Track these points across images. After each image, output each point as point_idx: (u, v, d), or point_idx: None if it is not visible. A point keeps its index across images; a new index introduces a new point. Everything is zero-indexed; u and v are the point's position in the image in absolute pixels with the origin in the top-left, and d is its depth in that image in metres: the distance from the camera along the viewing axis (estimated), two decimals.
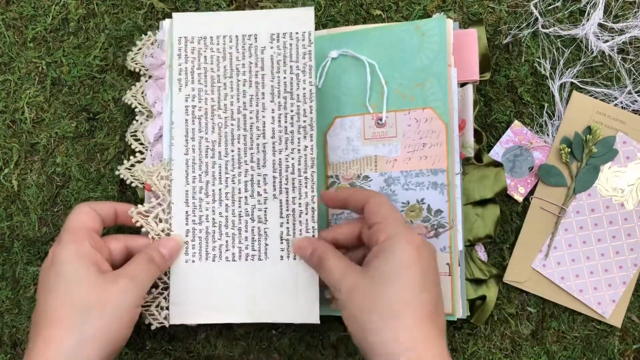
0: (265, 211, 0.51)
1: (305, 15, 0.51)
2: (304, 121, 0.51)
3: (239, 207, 0.51)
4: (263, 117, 0.51)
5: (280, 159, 0.51)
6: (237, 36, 0.51)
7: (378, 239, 0.43)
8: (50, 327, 0.42)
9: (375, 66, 0.52)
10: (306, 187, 0.50)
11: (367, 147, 0.52)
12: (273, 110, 0.51)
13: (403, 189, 0.51)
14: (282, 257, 0.50)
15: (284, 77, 0.51)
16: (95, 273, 0.44)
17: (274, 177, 0.51)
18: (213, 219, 0.51)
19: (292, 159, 0.51)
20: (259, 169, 0.51)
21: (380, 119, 0.52)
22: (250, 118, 0.51)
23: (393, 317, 0.40)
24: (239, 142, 0.51)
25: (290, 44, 0.51)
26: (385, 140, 0.52)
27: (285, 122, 0.51)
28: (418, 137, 0.51)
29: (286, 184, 0.51)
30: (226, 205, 0.51)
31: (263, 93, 0.51)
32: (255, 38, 0.52)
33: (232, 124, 0.51)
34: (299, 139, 0.51)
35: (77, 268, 0.44)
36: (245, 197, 0.51)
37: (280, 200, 0.51)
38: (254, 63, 0.51)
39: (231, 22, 0.52)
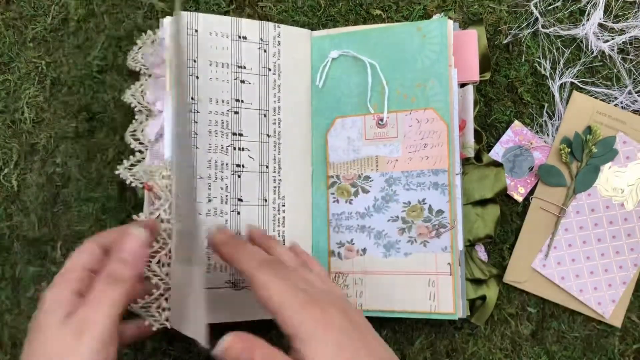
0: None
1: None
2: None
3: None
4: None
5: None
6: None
7: (289, 335, 0.39)
8: None
9: (376, 67, 0.52)
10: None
11: (368, 147, 0.52)
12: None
13: (404, 189, 0.51)
14: None
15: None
16: (62, 324, 0.38)
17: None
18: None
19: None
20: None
21: (382, 119, 0.52)
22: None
23: None
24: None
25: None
26: (386, 141, 0.52)
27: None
28: (419, 138, 0.51)
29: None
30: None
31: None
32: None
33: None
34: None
35: (48, 322, 0.38)
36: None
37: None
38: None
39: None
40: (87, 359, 0.36)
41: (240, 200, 0.52)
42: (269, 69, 0.53)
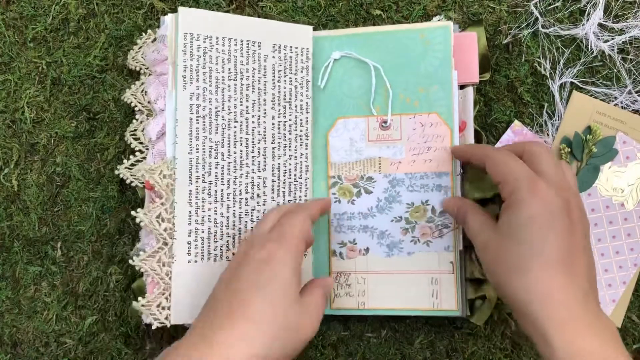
0: (264, 213, 0.52)
1: (304, 33, 0.54)
2: (301, 130, 0.53)
3: (240, 208, 0.51)
4: (264, 122, 0.52)
5: (279, 163, 0.52)
6: (241, 40, 0.52)
7: (504, 196, 0.44)
8: (249, 327, 0.40)
9: (380, 70, 0.53)
10: (301, 191, 0.53)
11: (371, 148, 0.53)
12: (273, 117, 0.52)
13: (407, 191, 0.52)
14: None
15: (284, 87, 0.53)
16: (296, 295, 0.43)
17: (273, 181, 0.52)
18: (215, 219, 0.51)
19: (290, 164, 0.53)
20: (260, 172, 0.52)
21: (385, 122, 0.52)
22: (252, 122, 0.52)
23: (521, 271, 0.40)
24: (241, 145, 0.52)
25: (290, 57, 0.53)
26: (389, 143, 0.52)
27: (284, 129, 0.53)
28: (423, 141, 0.52)
29: (283, 188, 0.53)
30: (227, 205, 0.51)
31: (265, 100, 0.52)
32: (259, 45, 0.52)
33: (234, 126, 0.51)
34: (295, 146, 0.53)
35: (291, 280, 0.42)
36: (246, 198, 0.51)
37: (278, 202, 0.53)
38: (257, 69, 0.52)
39: (236, 26, 0.52)
40: (307, 336, 0.43)
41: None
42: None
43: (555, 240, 0.40)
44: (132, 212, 0.50)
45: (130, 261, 0.51)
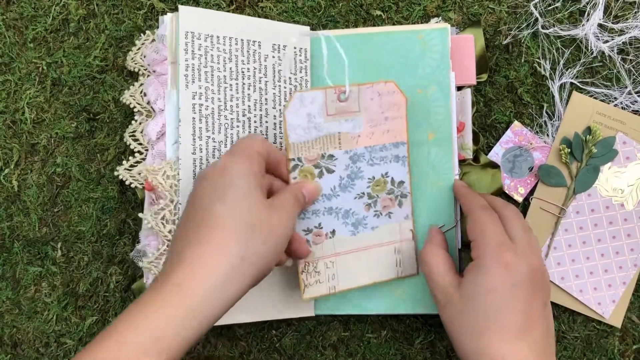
0: None
1: (303, 34, 0.54)
2: None
3: None
4: (266, 122, 0.52)
5: None
6: (242, 40, 0.52)
7: (472, 254, 0.46)
8: (216, 233, 0.40)
9: (331, 39, 0.54)
10: None
11: (330, 123, 0.49)
12: (275, 116, 0.52)
13: (368, 165, 0.51)
14: None
15: (284, 87, 0.52)
16: (262, 195, 0.42)
17: None
18: None
19: None
20: None
21: (344, 92, 0.49)
22: (255, 122, 0.52)
23: (475, 335, 0.43)
24: None
25: (289, 57, 0.52)
26: (348, 116, 0.49)
27: None
28: (380, 111, 0.50)
29: None
30: None
31: (266, 99, 0.52)
32: (259, 45, 0.52)
33: (237, 126, 0.51)
34: None
35: (249, 184, 0.42)
36: None
37: None
38: (258, 69, 0.52)
39: (236, 25, 0.52)
40: (288, 237, 0.44)
41: None
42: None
43: (513, 312, 0.42)
44: (140, 215, 0.51)
45: (139, 263, 0.51)
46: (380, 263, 0.52)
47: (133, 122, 0.54)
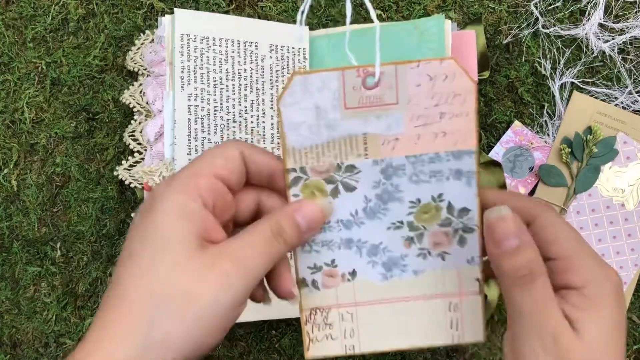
0: None
1: (301, 34, 0.52)
2: None
3: None
4: (263, 122, 0.52)
5: None
6: (238, 41, 0.52)
7: (570, 281, 0.31)
8: (119, 309, 0.29)
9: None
10: None
11: (350, 121, 0.34)
12: (272, 117, 0.52)
13: (411, 182, 0.35)
14: None
15: (282, 87, 0.52)
16: (193, 246, 0.30)
17: None
18: None
19: None
20: None
21: (372, 75, 0.33)
22: (251, 122, 0.52)
23: None
24: None
25: (287, 57, 0.52)
26: (380, 110, 0.34)
27: None
28: (432, 104, 0.34)
29: None
30: None
31: (263, 99, 0.52)
32: (256, 46, 0.52)
33: (233, 127, 0.51)
34: None
35: (173, 233, 0.30)
36: None
37: None
38: (255, 70, 0.52)
39: (232, 26, 0.52)
40: (226, 308, 0.30)
41: None
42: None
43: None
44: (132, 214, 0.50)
45: None
46: (425, 322, 0.37)
47: (132, 121, 0.54)
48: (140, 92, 0.54)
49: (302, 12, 0.32)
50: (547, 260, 0.31)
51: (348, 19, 0.33)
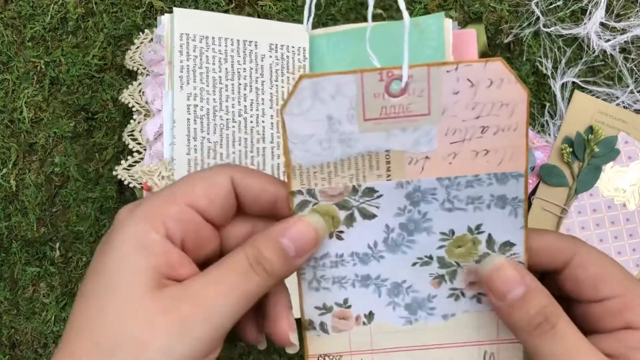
0: None
1: (301, 32, 0.51)
2: None
3: None
4: (263, 122, 0.52)
5: (278, 163, 0.51)
6: (238, 40, 0.52)
7: (630, 321, 0.28)
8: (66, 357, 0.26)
9: None
10: None
11: (370, 134, 0.28)
12: (272, 116, 0.52)
13: (443, 210, 0.29)
14: None
15: (282, 87, 0.52)
16: (149, 285, 0.26)
17: None
18: None
19: None
20: None
21: (399, 79, 0.28)
22: (251, 122, 0.52)
23: None
24: (239, 145, 0.51)
25: (287, 56, 0.52)
26: (407, 122, 0.28)
27: None
28: (473, 116, 0.28)
29: None
30: None
31: (263, 99, 0.52)
32: (256, 45, 0.52)
33: (233, 126, 0.51)
34: None
35: (127, 268, 0.26)
36: None
37: None
38: (254, 69, 0.52)
39: (232, 26, 0.52)
40: (165, 348, 0.25)
41: None
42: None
43: None
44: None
45: None
46: None
47: (132, 121, 0.54)
48: (140, 91, 0.54)
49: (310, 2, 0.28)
50: (598, 300, 0.28)
51: (370, 10, 0.28)
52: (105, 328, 0.25)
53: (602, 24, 0.55)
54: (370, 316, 0.31)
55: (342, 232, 0.30)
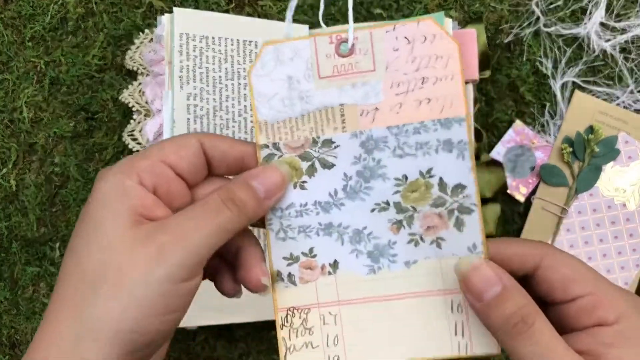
0: None
1: (299, 32, 0.52)
2: None
3: None
4: None
5: None
6: (238, 40, 0.52)
7: (602, 318, 0.28)
8: (54, 306, 0.28)
9: None
10: None
11: (325, 91, 0.32)
12: None
13: (395, 156, 0.32)
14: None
15: None
16: (127, 222, 0.28)
17: None
18: None
19: None
20: None
21: (345, 41, 0.32)
22: (251, 122, 0.51)
23: None
24: None
25: None
26: (356, 78, 0.32)
27: None
28: (413, 69, 0.31)
29: None
30: None
31: None
32: (256, 45, 0.52)
33: (233, 126, 0.51)
34: None
35: (106, 211, 0.28)
36: None
37: None
38: None
39: (232, 25, 0.52)
40: (162, 283, 0.27)
41: None
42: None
43: None
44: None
45: None
46: (422, 327, 0.32)
47: (132, 121, 0.54)
48: (140, 91, 0.53)
49: (291, 9, 0.32)
50: (570, 300, 0.29)
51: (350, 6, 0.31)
52: (90, 261, 0.27)
53: (602, 24, 0.55)
54: (335, 265, 0.32)
55: (305, 182, 0.32)
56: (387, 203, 0.32)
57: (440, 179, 0.31)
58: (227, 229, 0.29)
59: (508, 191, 0.55)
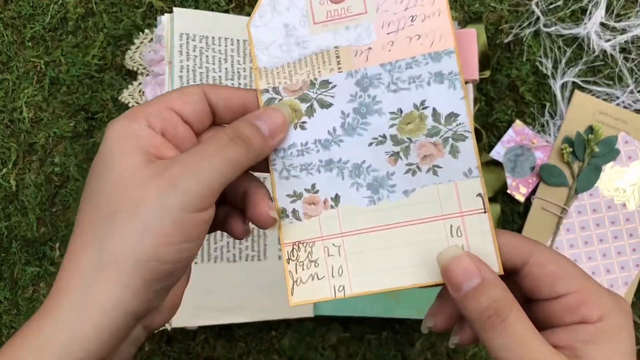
0: None
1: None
2: None
3: None
4: None
5: None
6: (238, 40, 0.52)
7: (585, 315, 0.29)
8: (73, 242, 0.29)
9: None
10: None
11: (320, 35, 0.34)
12: None
13: (389, 91, 0.33)
14: (279, 256, 0.50)
15: None
16: (138, 160, 0.29)
17: None
18: None
19: None
20: None
21: None
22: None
23: None
24: None
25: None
26: (348, 21, 0.34)
27: None
28: (402, 8, 0.34)
29: None
30: None
31: None
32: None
33: None
34: None
35: (117, 152, 0.29)
36: None
37: None
38: None
39: (232, 25, 0.52)
40: (176, 211, 0.28)
41: None
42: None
43: None
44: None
45: None
46: (424, 254, 0.33)
47: None
48: (140, 91, 0.53)
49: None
50: (556, 297, 0.29)
51: None
52: (104, 197, 0.28)
53: (602, 24, 0.55)
54: (336, 199, 0.34)
55: (304, 122, 0.34)
56: (384, 136, 0.33)
57: (434, 109, 0.33)
58: (236, 163, 0.30)
59: (508, 191, 0.55)
